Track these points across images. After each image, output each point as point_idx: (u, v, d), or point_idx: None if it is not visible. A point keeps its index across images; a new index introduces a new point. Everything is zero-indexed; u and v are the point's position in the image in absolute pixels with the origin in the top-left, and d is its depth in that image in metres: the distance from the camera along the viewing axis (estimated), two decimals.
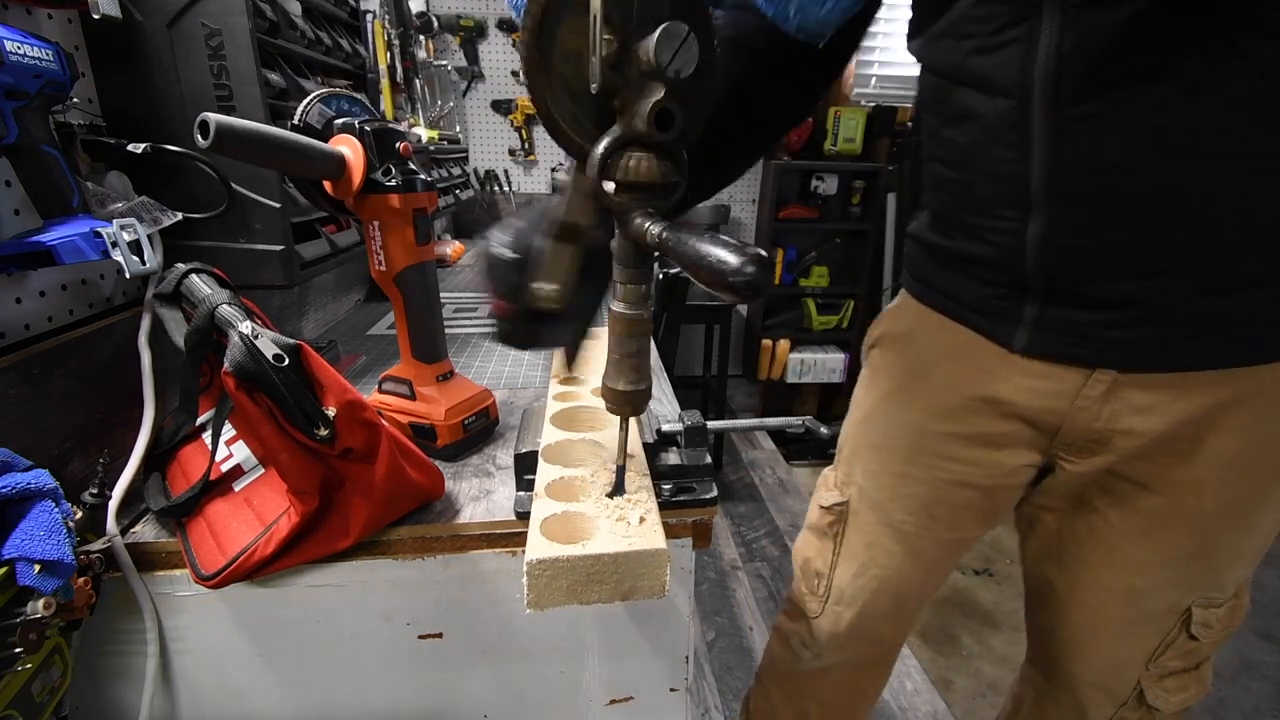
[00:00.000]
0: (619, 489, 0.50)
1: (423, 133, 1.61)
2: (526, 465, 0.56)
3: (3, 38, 0.48)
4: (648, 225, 0.38)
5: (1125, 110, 0.46)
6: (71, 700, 0.51)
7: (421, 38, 1.99)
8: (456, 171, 1.77)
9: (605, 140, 0.38)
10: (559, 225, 0.47)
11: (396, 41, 1.53)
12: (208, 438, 0.57)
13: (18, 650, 0.40)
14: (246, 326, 0.46)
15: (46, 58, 0.52)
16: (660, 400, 0.79)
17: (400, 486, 0.53)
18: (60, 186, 0.56)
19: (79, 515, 0.48)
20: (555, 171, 2.54)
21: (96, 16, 0.59)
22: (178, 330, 0.55)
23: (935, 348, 0.66)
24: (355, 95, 0.61)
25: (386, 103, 1.41)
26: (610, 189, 0.40)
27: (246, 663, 0.56)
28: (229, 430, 0.59)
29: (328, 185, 0.58)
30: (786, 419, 0.66)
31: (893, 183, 2.47)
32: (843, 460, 0.78)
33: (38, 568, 0.40)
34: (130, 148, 0.63)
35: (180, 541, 0.53)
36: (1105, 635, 0.64)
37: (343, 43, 0.98)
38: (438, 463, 0.60)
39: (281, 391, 0.44)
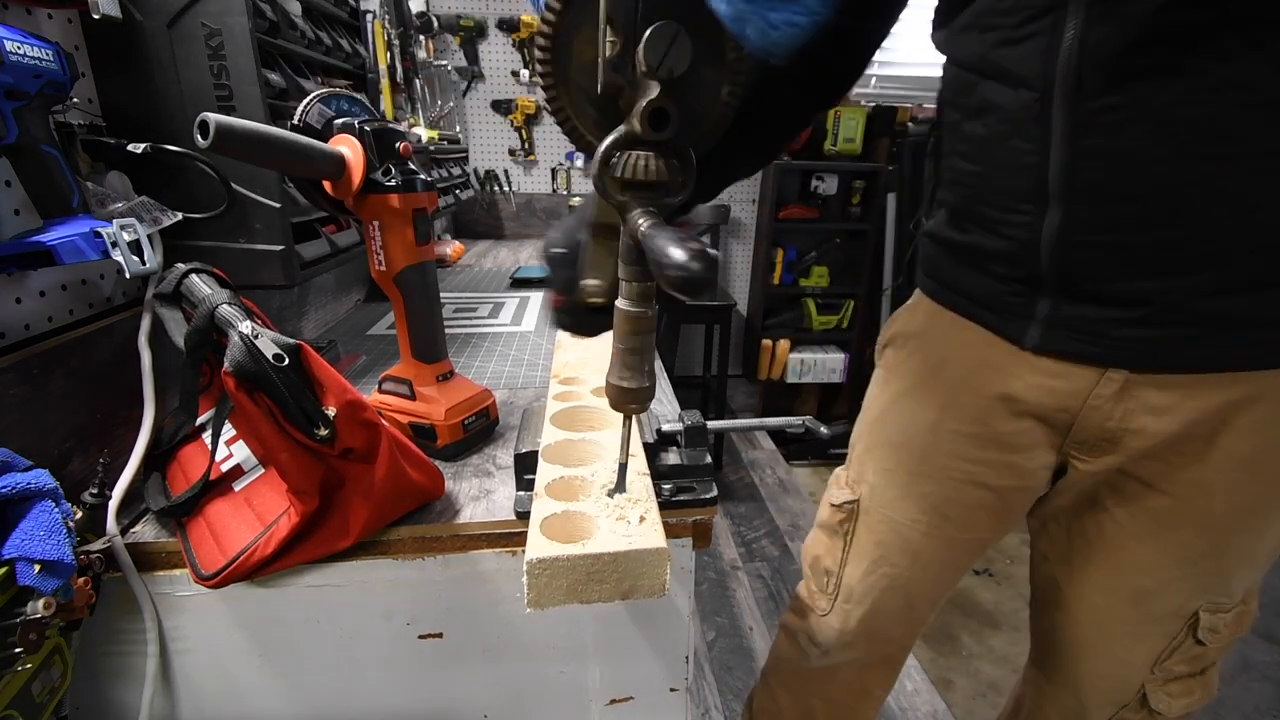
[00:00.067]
0: (620, 485, 0.50)
1: (423, 133, 1.61)
2: (526, 465, 0.56)
3: (3, 38, 0.48)
4: (640, 221, 0.38)
5: (1146, 105, 0.46)
6: (71, 700, 0.51)
7: (421, 38, 1.99)
8: (456, 171, 1.77)
9: (607, 140, 0.38)
10: (593, 224, 0.47)
11: (396, 41, 1.53)
12: (208, 438, 0.57)
13: (18, 650, 0.40)
14: (246, 326, 0.46)
15: (46, 58, 0.52)
16: (660, 400, 0.79)
17: (400, 486, 0.53)
18: (60, 186, 0.56)
19: (79, 515, 0.48)
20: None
21: (96, 16, 0.59)
22: (178, 330, 0.55)
23: (948, 347, 0.66)
24: (355, 95, 0.61)
25: (386, 103, 1.41)
26: (615, 189, 0.40)
27: (246, 663, 0.56)
28: (229, 430, 0.59)
29: (328, 185, 0.58)
30: (786, 419, 0.66)
31: (893, 183, 2.47)
32: (855, 459, 0.77)
33: (38, 568, 0.40)
34: (130, 148, 0.63)
35: (180, 541, 0.53)
36: (1111, 636, 0.64)
37: (343, 43, 0.98)
38: (438, 463, 0.60)
39: (281, 391, 0.44)
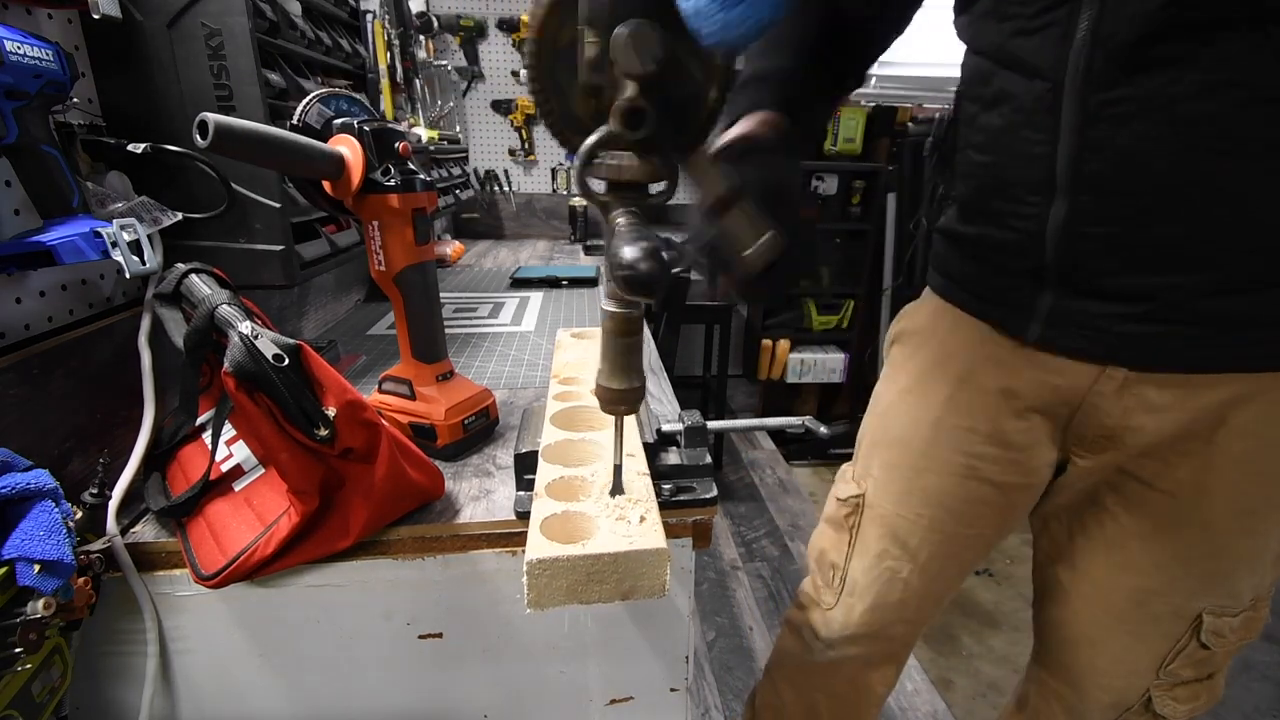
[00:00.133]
0: (617, 487, 0.50)
1: (423, 133, 1.61)
2: (526, 465, 0.56)
3: (3, 38, 0.48)
4: (618, 220, 0.38)
5: (1153, 98, 0.46)
6: (71, 700, 0.51)
7: (421, 38, 1.99)
8: (456, 171, 1.77)
9: (589, 140, 0.38)
10: (714, 202, 0.45)
11: (396, 41, 1.53)
12: (208, 438, 0.57)
13: (18, 650, 0.40)
14: (246, 326, 0.46)
15: (46, 58, 0.52)
16: (660, 400, 0.79)
17: (400, 486, 0.53)
18: (60, 186, 0.56)
19: (79, 515, 0.48)
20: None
21: (96, 16, 0.59)
22: (178, 330, 0.54)
23: (953, 343, 0.67)
24: (355, 95, 0.61)
25: (386, 103, 1.41)
26: (599, 188, 0.40)
27: (246, 663, 0.56)
28: (229, 430, 0.59)
29: (327, 185, 0.58)
30: (786, 419, 0.66)
31: (893, 183, 2.47)
32: (861, 454, 0.78)
33: (38, 568, 0.40)
34: (130, 148, 0.63)
35: (180, 541, 0.53)
36: (1113, 635, 0.64)
37: (343, 43, 0.98)
38: (438, 463, 0.60)
39: (281, 391, 0.44)
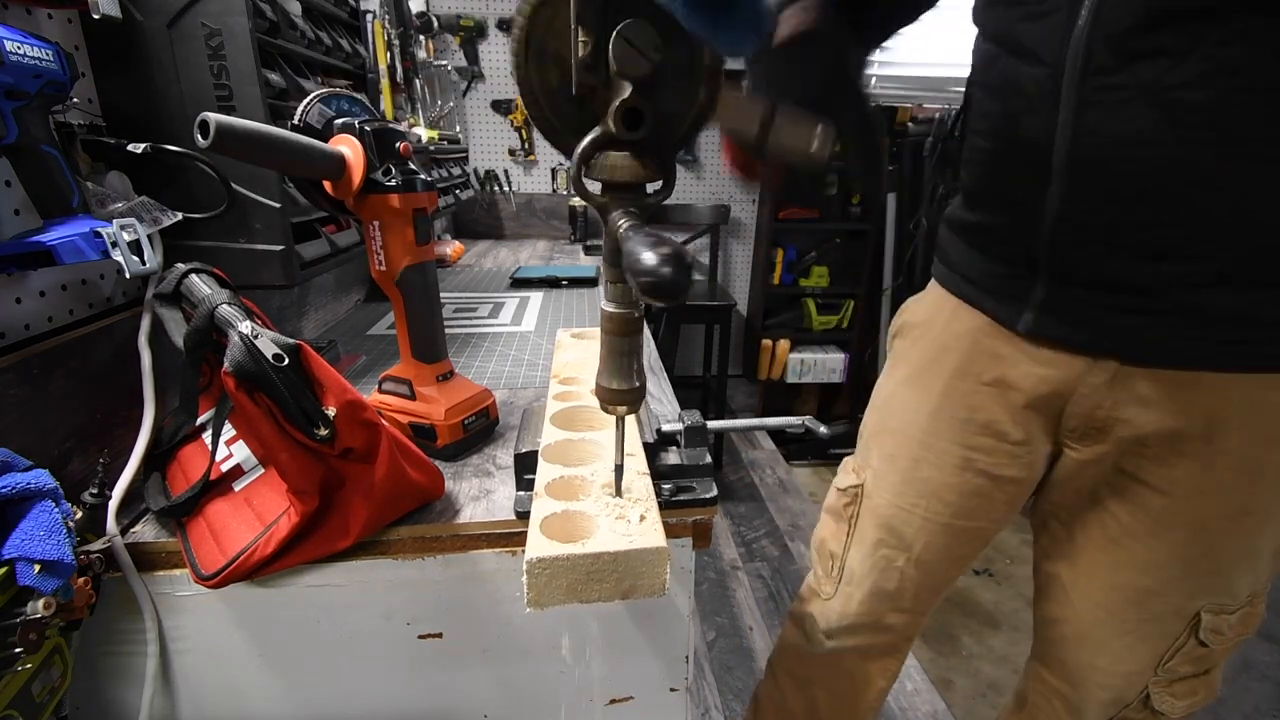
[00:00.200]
0: (618, 488, 0.50)
1: (423, 133, 1.61)
2: (526, 465, 0.56)
3: (3, 38, 0.48)
4: (620, 222, 0.37)
5: (1149, 85, 0.46)
6: (71, 700, 0.51)
7: (421, 38, 1.99)
8: (456, 171, 1.77)
9: (585, 142, 0.38)
10: (760, 129, 0.43)
11: (396, 41, 1.53)
12: (208, 438, 0.57)
13: (18, 650, 0.40)
14: (246, 326, 0.46)
15: (46, 58, 0.52)
16: (660, 400, 0.79)
17: (400, 486, 0.53)
18: (60, 186, 0.56)
19: (79, 515, 0.48)
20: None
21: (96, 16, 0.59)
22: (178, 330, 0.54)
23: (950, 335, 0.67)
24: (355, 95, 0.61)
25: (386, 103, 1.41)
26: (595, 189, 0.40)
27: (246, 663, 0.56)
28: (229, 430, 0.59)
29: (328, 185, 0.58)
30: (786, 419, 0.66)
31: (893, 183, 2.47)
32: (861, 445, 0.79)
33: (38, 568, 0.40)
34: (130, 148, 0.63)
35: (180, 541, 0.53)
36: (1112, 634, 0.64)
37: (343, 43, 0.97)
38: (438, 463, 0.60)
39: (281, 391, 0.44)
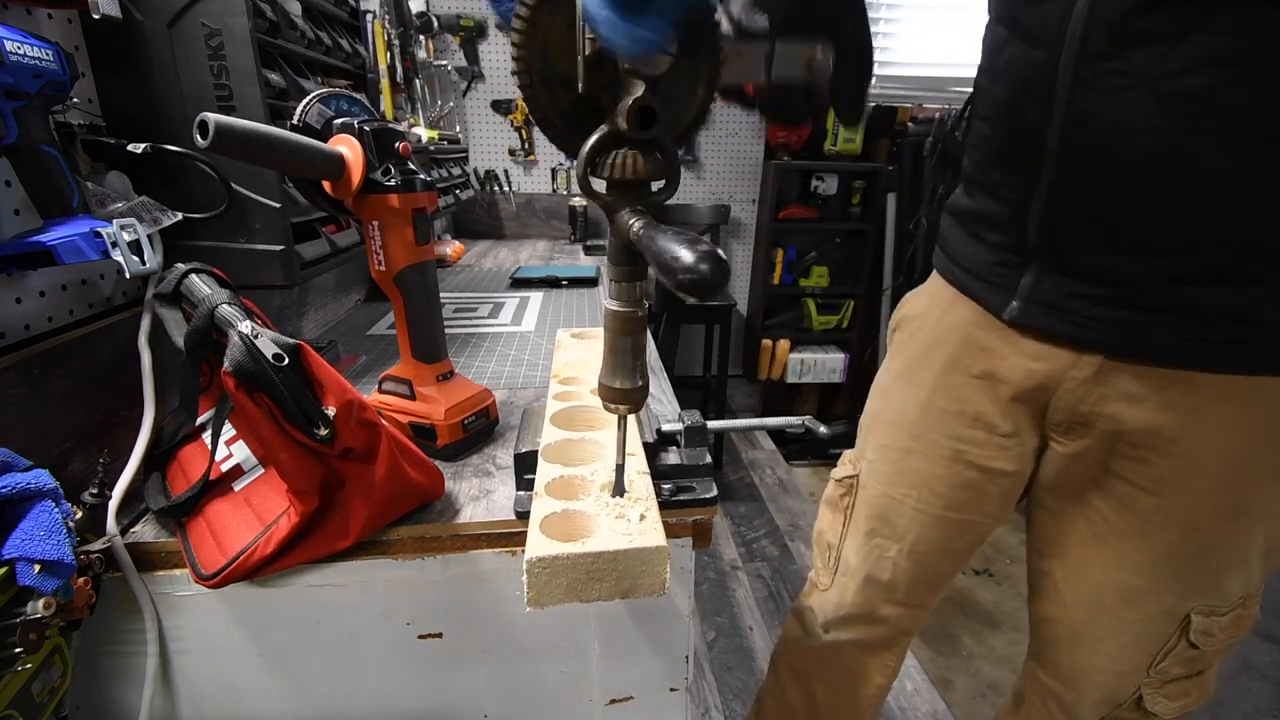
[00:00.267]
0: (619, 489, 0.50)
1: (423, 133, 1.61)
2: (526, 464, 0.56)
3: (3, 38, 0.48)
4: (631, 221, 0.38)
5: (1144, 72, 0.45)
6: (71, 700, 0.51)
7: (421, 38, 1.99)
8: (456, 171, 1.77)
9: (591, 140, 0.38)
10: (765, 63, 0.47)
11: (396, 41, 1.53)
12: (208, 438, 0.57)
13: (18, 650, 0.40)
14: (246, 326, 0.46)
15: (46, 58, 0.52)
16: (660, 400, 0.79)
17: (400, 486, 0.53)
18: (60, 186, 0.56)
19: (79, 515, 0.48)
20: None
21: (96, 16, 0.59)
22: (178, 330, 0.54)
23: (943, 328, 0.68)
24: (355, 95, 0.61)
25: (386, 103, 1.41)
26: (600, 187, 0.40)
27: (246, 663, 0.56)
28: (229, 430, 0.59)
29: (328, 185, 0.58)
30: (786, 419, 0.66)
31: (893, 183, 2.47)
32: (859, 437, 0.81)
33: (38, 568, 0.40)
34: (130, 148, 0.63)
35: (180, 541, 0.53)
36: (1105, 633, 0.64)
37: (343, 43, 0.97)
38: (438, 463, 0.60)
39: (281, 391, 0.44)
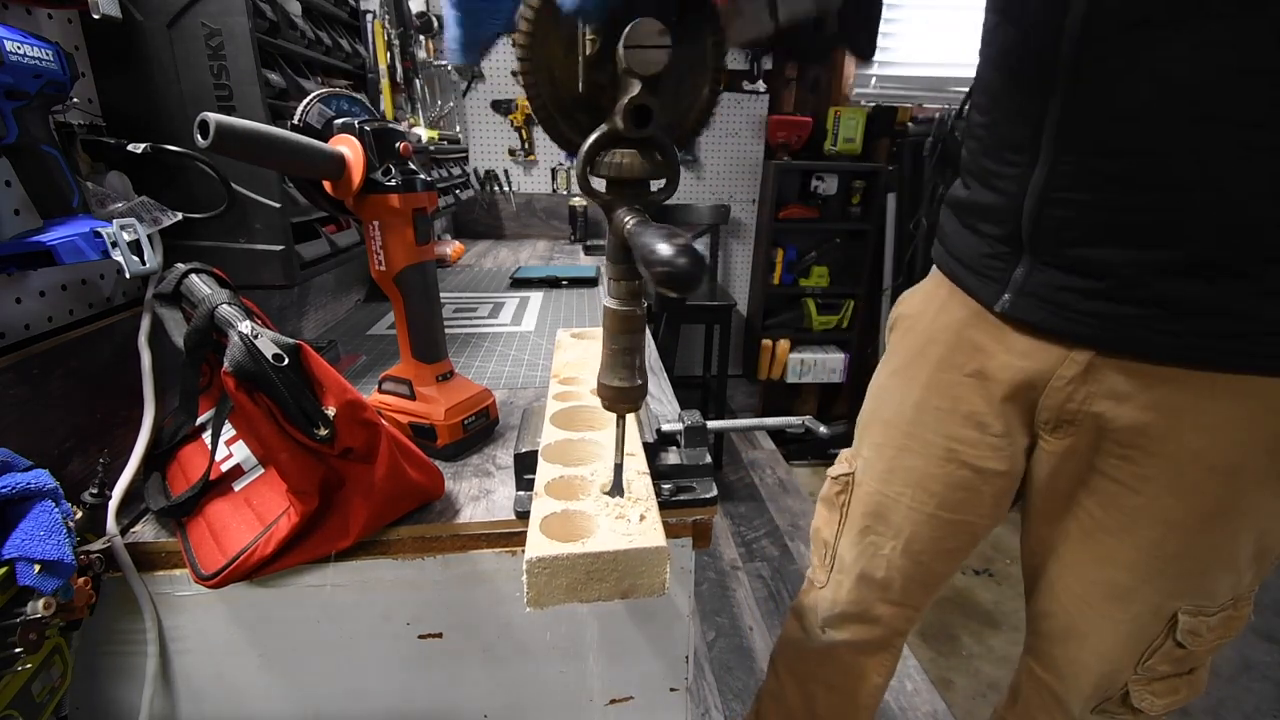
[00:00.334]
0: (617, 486, 0.50)
1: (423, 133, 1.61)
2: (526, 465, 0.56)
3: (3, 38, 0.48)
4: (626, 219, 0.38)
5: (1143, 58, 0.45)
6: (71, 700, 0.51)
7: (421, 38, 1.99)
8: (456, 171, 1.77)
9: (590, 139, 0.38)
10: (770, 13, 0.46)
11: (396, 41, 1.53)
12: (208, 438, 0.57)
13: (18, 650, 0.40)
14: (246, 326, 0.46)
15: (46, 58, 0.52)
16: (660, 400, 0.79)
17: (400, 486, 0.53)
18: (60, 186, 0.56)
19: (79, 515, 0.48)
20: None
21: (96, 16, 0.59)
22: (178, 330, 0.54)
23: (936, 327, 0.68)
24: (355, 95, 0.61)
25: (386, 103, 1.41)
26: (600, 186, 0.40)
27: (246, 663, 0.56)
28: (229, 430, 0.59)
29: (328, 185, 0.58)
30: (786, 419, 0.66)
31: (893, 183, 2.47)
32: (856, 435, 0.81)
33: (38, 568, 0.40)
34: (130, 148, 0.63)
35: (180, 541, 0.53)
36: (1095, 628, 0.64)
37: (343, 43, 0.97)
38: (438, 463, 0.60)
39: (281, 391, 0.44)
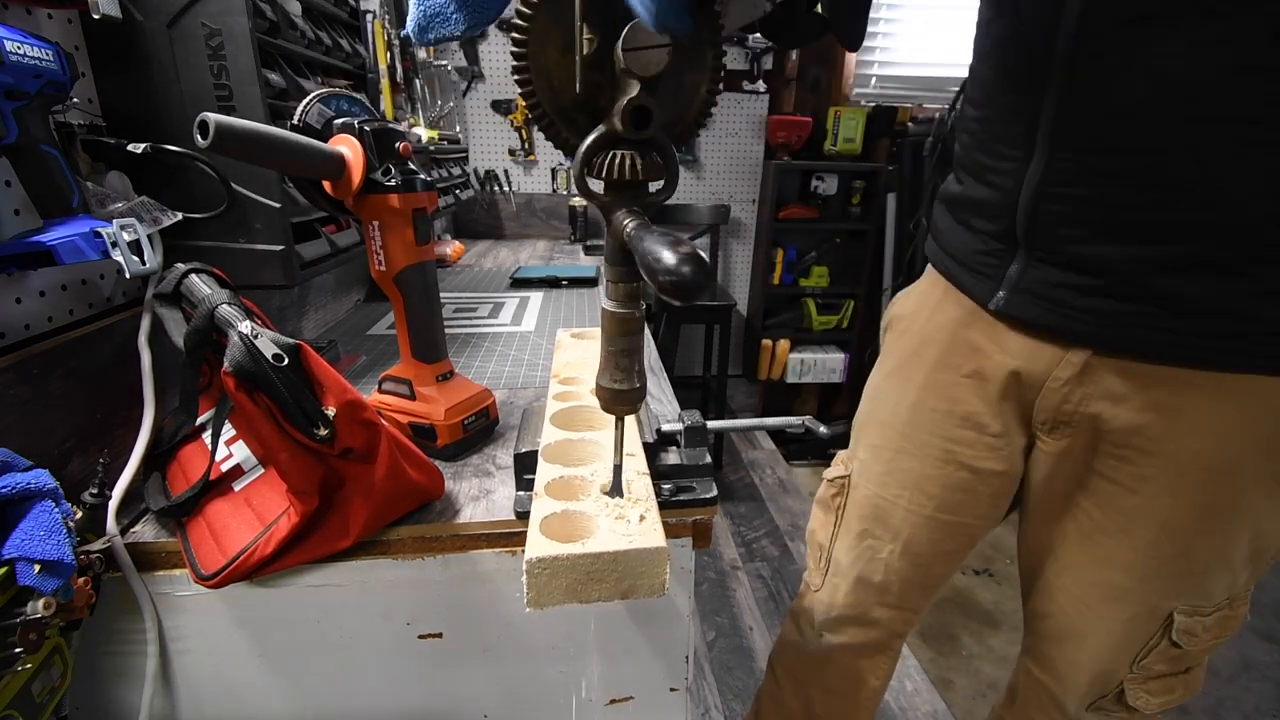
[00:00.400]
0: (616, 487, 0.50)
1: (423, 133, 1.61)
2: (526, 465, 0.56)
3: (3, 38, 0.48)
4: (625, 222, 0.37)
5: (1140, 53, 0.45)
6: (71, 700, 0.51)
7: None
8: (456, 171, 1.77)
9: (588, 140, 0.38)
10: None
11: (396, 41, 1.53)
12: (208, 438, 0.57)
13: (18, 650, 0.40)
14: (246, 326, 0.46)
15: (46, 58, 0.52)
16: (660, 400, 0.79)
17: (400, 486, 0.53)
18: (60, 186, 0.56)
19: (79, 515, 0.48)
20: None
21: (96, 16, 0.59)
22: (178, 330, 0.54)
23: (932, 327, 0.68)
24: (355, 95, 0.61)
25: (386, 103, 1.41)
26: (597, 187, 0.40)
27: (246, 663, 0.56)
28: (229, 430, 0.59)
29: (328, 185, 0.58)
30: (786, 419, 0.66)
31: (893, 183, 2.47)
32: (852, 437, 0.81)
33: (38, 568, 0.40)
34: (130, 148, 0.63)
35: (180, 541, 0.53)
36: (1092, 628, 0.65)
37: (343, 43, 0.97)
38: (438, 463, 0.60)
39: (281, 391, 0.44)
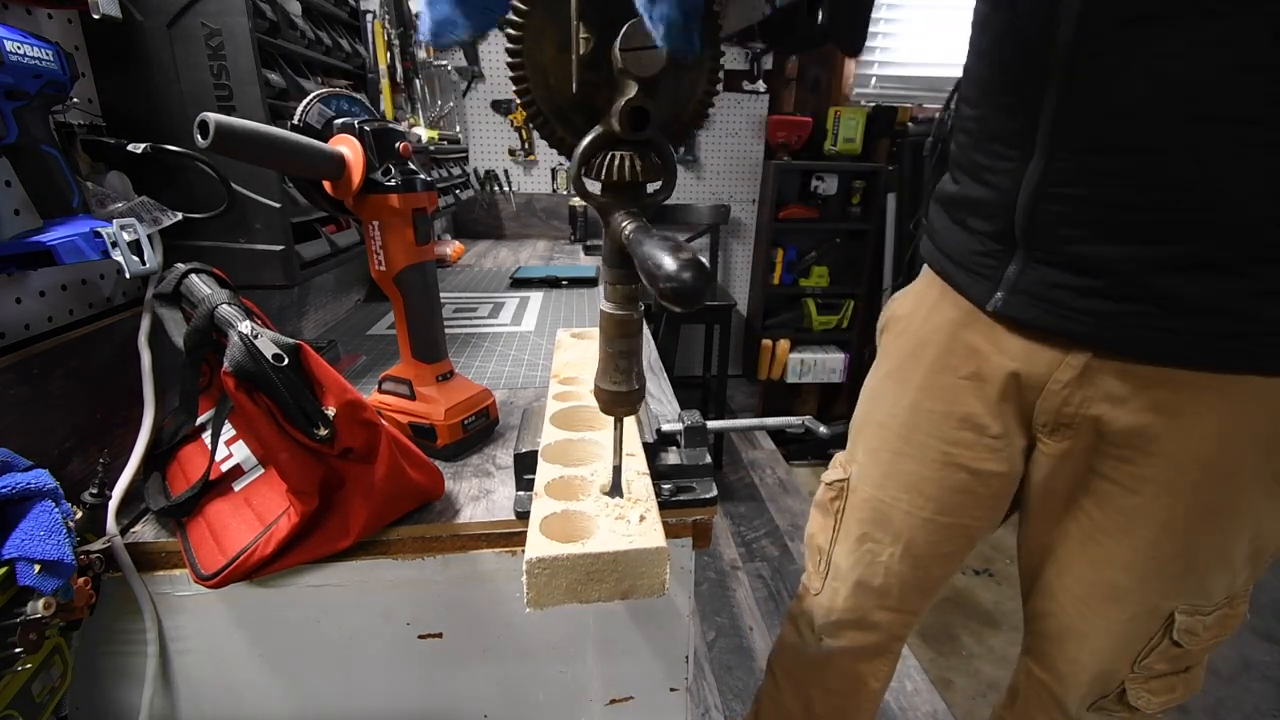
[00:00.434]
0: (616, 488, 0.50)
1: (423, 133, 1.61)
2: (526, 465, 0.56)
3: (3, 38, 0.48)
4: (624, 224, 0.37)
5: (1140, 53, 0.45)
6: (71, 700, 0.51)
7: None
8: (456, 171, 1.77)
9: (585, 141, 0.38)
10: None
11: (396, 41, 1.53)
12: (208, 438, 0.57)
13: (18, 650, 0.40)
14: (246, 326, 0.46)
15: (46, 58, 0.52)
16: (660, 400, 0.79)
17: (400, 486, 0.53)
18: (60, 186, 0.56)
19: (79, 515, 0.48)
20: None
21: (96, 16, 0.59)
22: (177, 330, 0.54)
23: (929, 328, 0.68)
24: (355, 95, 0.61)
25: (386, 103, 1.41)
26: (596, 189, 0.39)
27: (246, 663, 0.56)
28: (229, 430, 0.59)
29: (328, 185, 0.58)
30: (786, 419, 0.66)
31: (893, 183, 2.47)
32: (849, 439, 0.80)
33: (38, 568, 0.40)
34: (130, 148, 0.63)
35: (180, 541, 0.53)
36: (1092, 628, 0.64)
37: (343, 43, 0.97)
38: (438, 463, 0.60)
39: (281, 391, 0.44)
